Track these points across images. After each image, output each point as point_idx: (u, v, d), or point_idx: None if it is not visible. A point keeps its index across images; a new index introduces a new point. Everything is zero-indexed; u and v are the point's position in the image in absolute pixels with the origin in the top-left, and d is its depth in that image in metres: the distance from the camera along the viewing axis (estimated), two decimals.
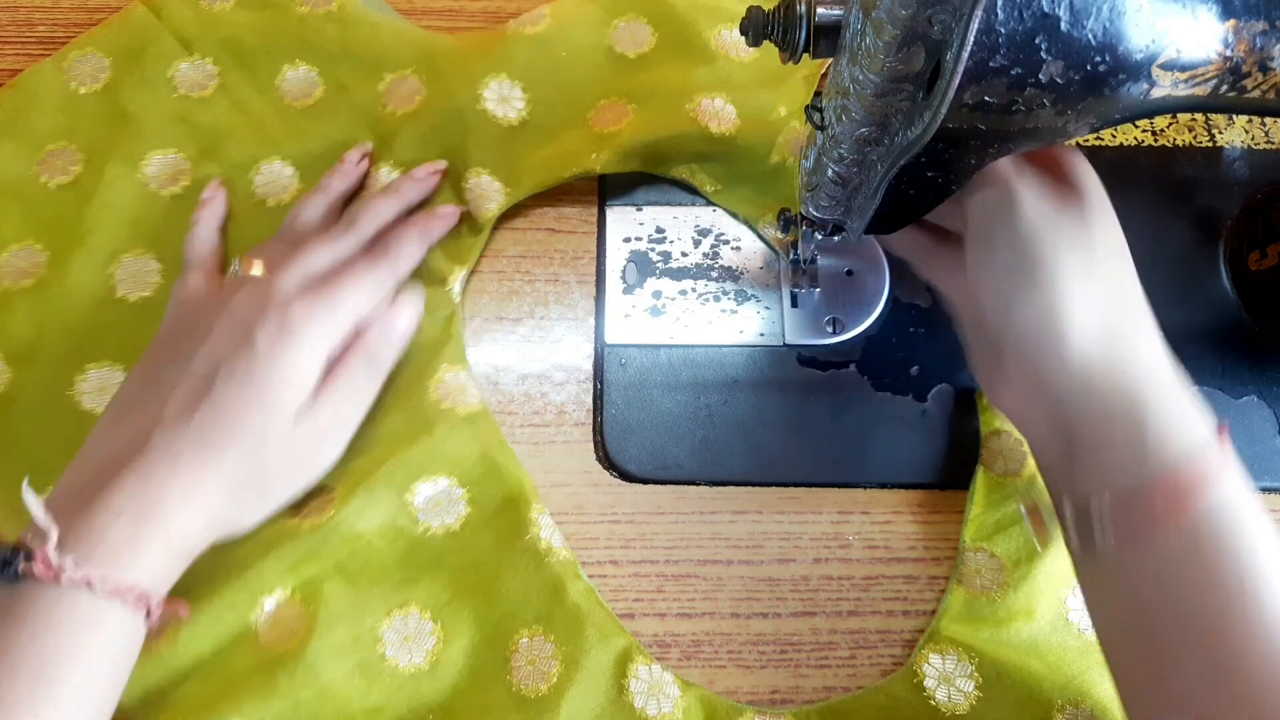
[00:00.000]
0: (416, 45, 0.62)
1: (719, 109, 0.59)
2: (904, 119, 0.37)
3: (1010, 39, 0.32)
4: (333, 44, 0.61)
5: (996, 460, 0.53)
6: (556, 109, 0.60)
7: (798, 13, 0.39)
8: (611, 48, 0.62)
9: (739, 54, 0.62)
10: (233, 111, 0.60)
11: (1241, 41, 0.35)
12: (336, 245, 0.52)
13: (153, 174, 0.58)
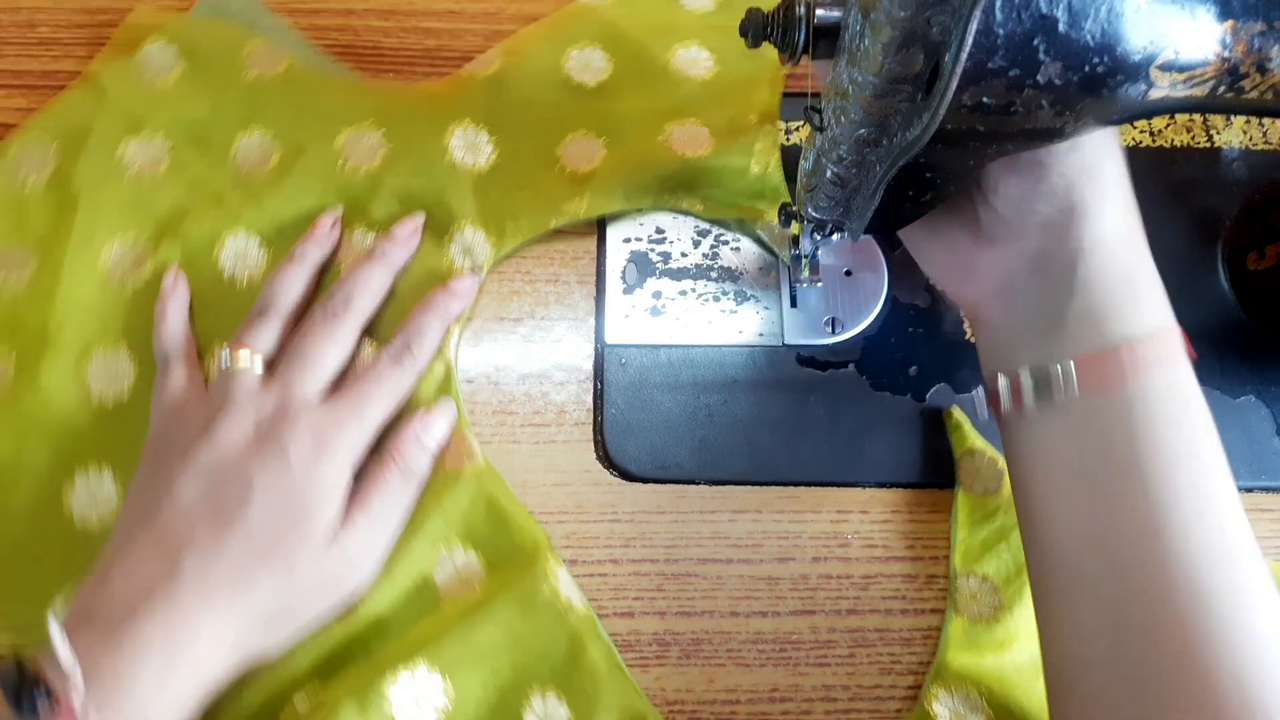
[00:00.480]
0: (371, 98, 0.60)
1: (691, 134, 0.58)
2: (903, 120, 0.37)
3: (1009, 40, 0.32)
4: (284, 106, 0.59)
5: (974, 481, 0.53)
6: (525, 149, 0.59)
7: (797, 14, 0.39)
8: (569, 78, 0.61)
9: (698, 72, 0.61)
10: (189, 188, 0.57)
11: (1239, 42, 0.35)
12: (340, 333, 0.51)
13: (113, 262, 0.55)
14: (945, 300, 0.57)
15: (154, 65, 0.60)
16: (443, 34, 0.65)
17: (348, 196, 0.57)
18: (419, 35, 0.65)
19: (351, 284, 0.52)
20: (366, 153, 0.58)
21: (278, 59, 0.61)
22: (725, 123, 0.59)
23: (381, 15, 0.66)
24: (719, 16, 0.64)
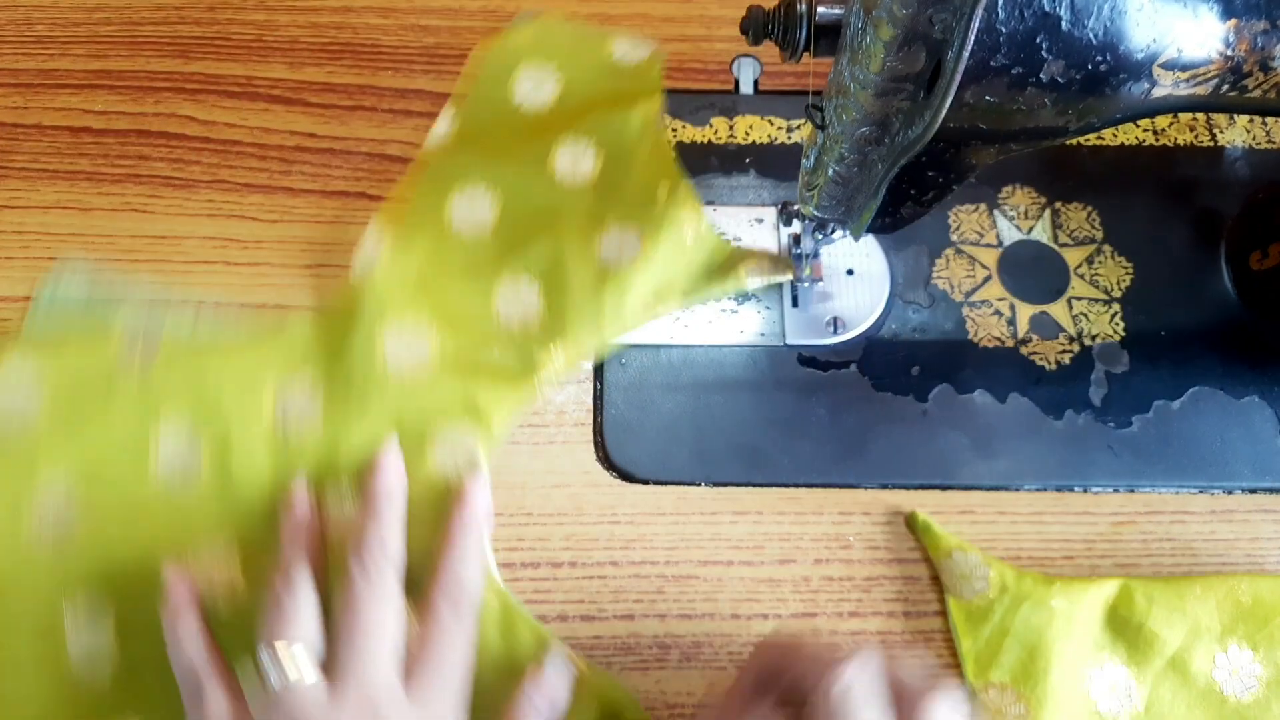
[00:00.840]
0: (276, 343, 0.54)
1: (621, 241, 0.55)
2: (905, 118, 0.37)
3: (1011, 38, 0.32)
4: (184, 395, 0.52)
5: (961, 585, 0.51)
6: (463, 328, 0.54)
7: (798, 12, 0.39)
8: (459, 235, 0.57)
9: (585, 168, 0.58)
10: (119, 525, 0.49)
11: (1243, 41, 0.35)
12: (388, 591, 0.44)
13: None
14: (948, 299, 0.57)
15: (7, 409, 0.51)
16: (442, 31, 0.65)
17: (306, 462, 0.51)
18: (418, 33, 0.65)
19: (369, 543, 0.45)
20: (302, 406, 0.52)
21: (152, 344, 0.53)
22: (641, 208, 0.56)
23: (380, 13, 0.66)
24: (565, 104, 0.61)
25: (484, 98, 0.61)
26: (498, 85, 0.61)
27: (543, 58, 0.61)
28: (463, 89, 0.61)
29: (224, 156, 0.62)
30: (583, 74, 0.61)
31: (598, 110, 0.59)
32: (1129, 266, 0.58)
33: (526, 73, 0.61)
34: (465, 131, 0.60)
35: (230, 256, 0.59)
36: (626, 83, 0.60)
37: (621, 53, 0.62)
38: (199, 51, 0.65)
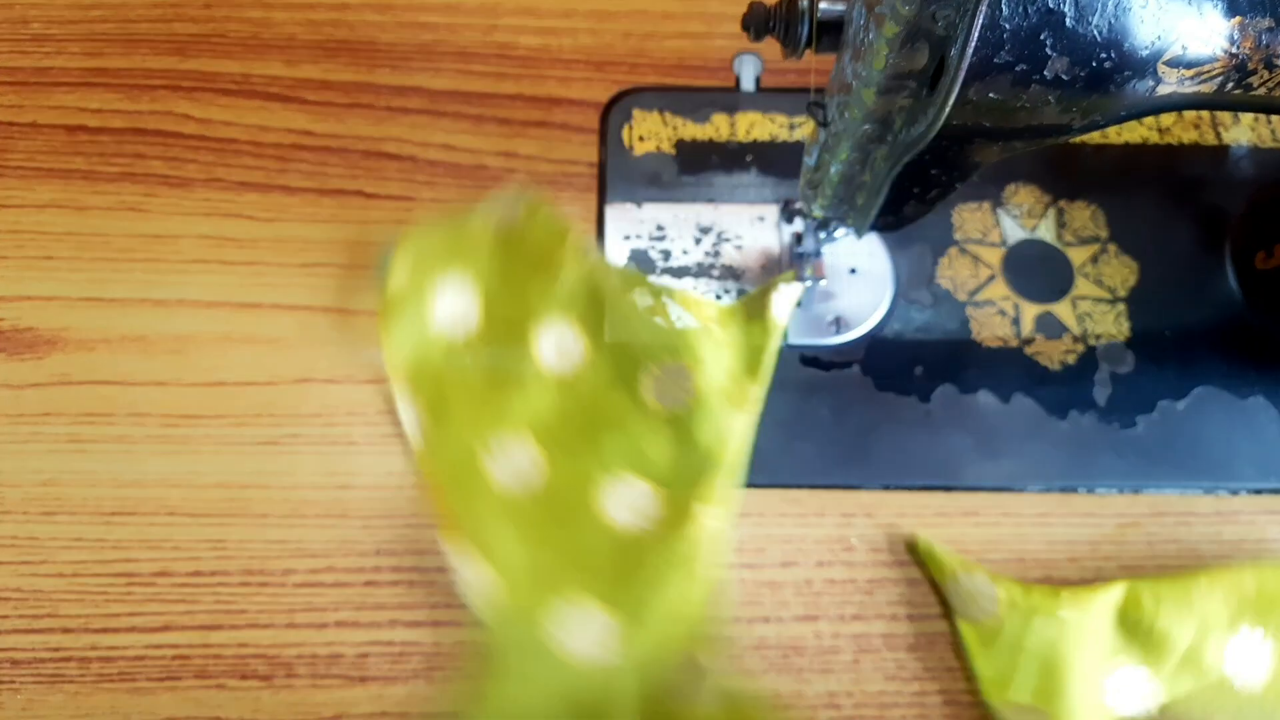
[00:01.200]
0: None
1: (664, 383, 0.52)
2: (907, 116, 0.37)
3: (1015, 35, 0.31)
4: None
5: (969, 607, 0.50)
6: (595, 568, 0.50)
7: (800, 8, 0.38)
8: (509, 491, 0.52)
9: (573, 358, 0.54)
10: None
11: (1247, 38, 0.34)
12: None
13: None
14: (951, 299, 0.57)
15: None
16: (439, 28, 0.65)
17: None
18: (415, 29, 0.65)
19: None
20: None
21: None
22: (658, 347, 0.53)
23: (377, 9, 0.65)
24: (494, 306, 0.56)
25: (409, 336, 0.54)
26: (417, 318, 0.54)
27: (442, 268, 0.54)
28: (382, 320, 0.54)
29: (220, 155, 0.61)
30: (491, 265, 0.55)
31: (533, 292, 0.54)
32: (1134, 266, 0.58)
33: (442, 292, 0.54)
34: (421, 386, 0.54)
35: (226, 255, 0.59)
36: (533, 248, 0.55)
37: (500, 216, 0.55)
38: (195, 49, 0.64)
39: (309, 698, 0.50)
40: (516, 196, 0.54)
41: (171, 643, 0.51)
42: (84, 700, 0.50)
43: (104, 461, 0.54)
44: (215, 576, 0.52)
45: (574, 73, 0.64)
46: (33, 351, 0.57)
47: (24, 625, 0.51)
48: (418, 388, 0.52)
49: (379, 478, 0.54)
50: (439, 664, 0.50)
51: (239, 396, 0.56)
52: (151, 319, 0.57)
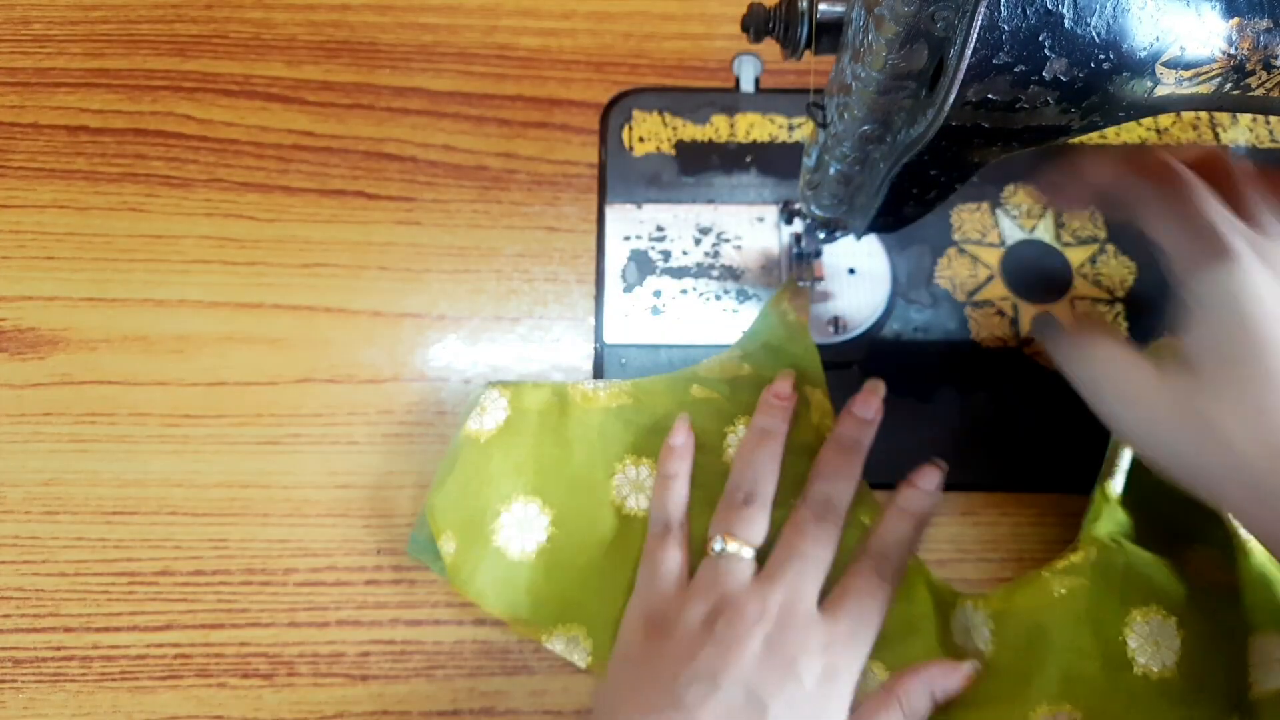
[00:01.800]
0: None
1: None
2: (907, 117, 0.37)
3: (1014, 36, 0.31)
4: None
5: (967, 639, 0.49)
6: None
7: (799, 9, 0.38)
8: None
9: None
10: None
11: (1245, 39, 0.34)
12: (830, 534, 0.48)
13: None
14: (950, 299, 0.57)
15: None
16: (440, 29, 0.65)
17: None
18: (416, 30, 0.65)
19: (831, 482, 0.50)
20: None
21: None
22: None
23: (378, 10, 0.65)
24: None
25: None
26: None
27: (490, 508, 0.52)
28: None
29: (221, 155, 0.62)
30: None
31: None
32: (1132, 266, 0.58)
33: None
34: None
35: (228, 256, 0.59)
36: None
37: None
38: (196, 50, 0.64)
39: (310, 696, 0.50)
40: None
41: (173, 641, 0.51)
42: (86, 699, 0.50)
43: (106, 461, 0.54)
44: (217, 575, 0.52)
45: (574, 74, 0.64)
46: (34, 351, 0.57)
47: (26, 624, 0.51)
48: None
49: (380, 477, 0.54)
50: (440, 662, 0.51)
51: (240, 396, 0.56)
52: (153, 319, 0.58)
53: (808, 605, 0.45)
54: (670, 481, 0.51)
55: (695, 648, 0.44)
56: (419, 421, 0.55)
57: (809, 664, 0.43)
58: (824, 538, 0.48)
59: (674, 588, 0.47)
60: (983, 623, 0.48)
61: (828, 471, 0.50)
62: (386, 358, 0.57)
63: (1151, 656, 0.47)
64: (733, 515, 0.48)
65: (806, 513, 0.49)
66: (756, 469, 0.50)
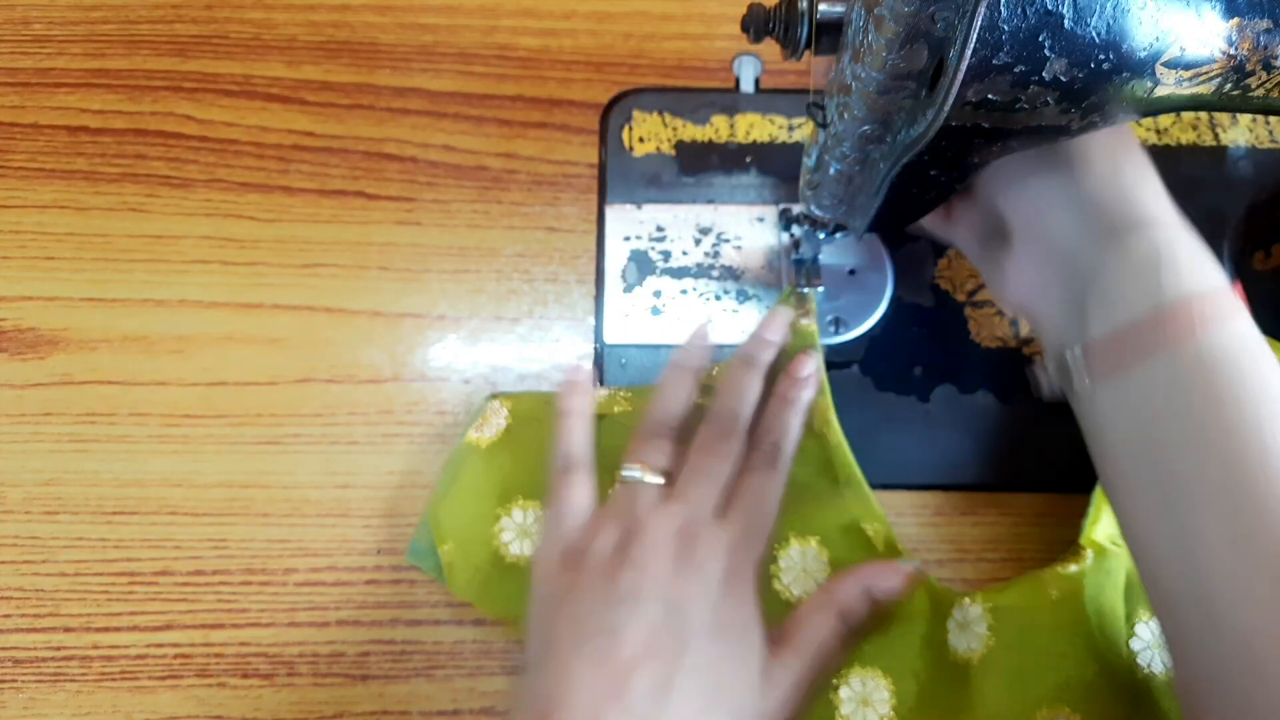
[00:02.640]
0: None
1: None
2: (906, 117, 0.37)
3: (1014, 36, 0.31)
4: None
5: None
6: None
7: (799, 9, 0.38)
8: None
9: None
10: None
11: (1245, 39, 0.34)
12: (729, 448, 0.49)
13: None
14: (950, 300, 0.57)
15: None
16: (440, 29, 0.65)
17: None
18: (415, 31, 0.65)
19: (734, 398, 0.51)
20: None
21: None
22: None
23: (378, 10, 0.65)
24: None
25: None
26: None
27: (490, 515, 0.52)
28: None
29: (221, 155, 0.62)
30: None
31: None
32: None
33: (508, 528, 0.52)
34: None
35: (227, 256, 0.59)
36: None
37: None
38: (196, 50, 0.64)
39: (310, 696, 0.50)
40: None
41: (173, 641, 0.51)
42: (86, 699, 0.50)
43: (106, 461, 0.54)
44: (217, 575, 0.52)
45: (574, 74, 0.64)
46: (34, 351, 0.57)
47: (26, 624, 0.51)
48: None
49: (380, 477, 0.54)
50: (440, 662, 0.51)
51: (240, 396, 0.56)
52: (153, 319, 0.58)
53: (707, 515, 0.47)
54: (569, 418, 0.52)
55: (613, 571, 0.45)
56: (419, 421, 0.55)
57: (714, 568, 0.45)
58: (723, 451, 0.49)
59: (583, 520, 0.48)
60: (980, 617, 0.48)
61: (729, 389, 0.51)
62: (386, 358, 0.57)
63: (1154, 659, 0.47)
64: (643, 445, 0.50)
65: (708, 429, 0.50)
66: (665, 403, 0.52)
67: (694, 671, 0.42)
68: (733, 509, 0.48)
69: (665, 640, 0.43)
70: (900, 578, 0.48)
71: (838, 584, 0.48)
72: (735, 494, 0.49)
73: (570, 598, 0.45)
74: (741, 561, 0.46)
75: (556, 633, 0.44)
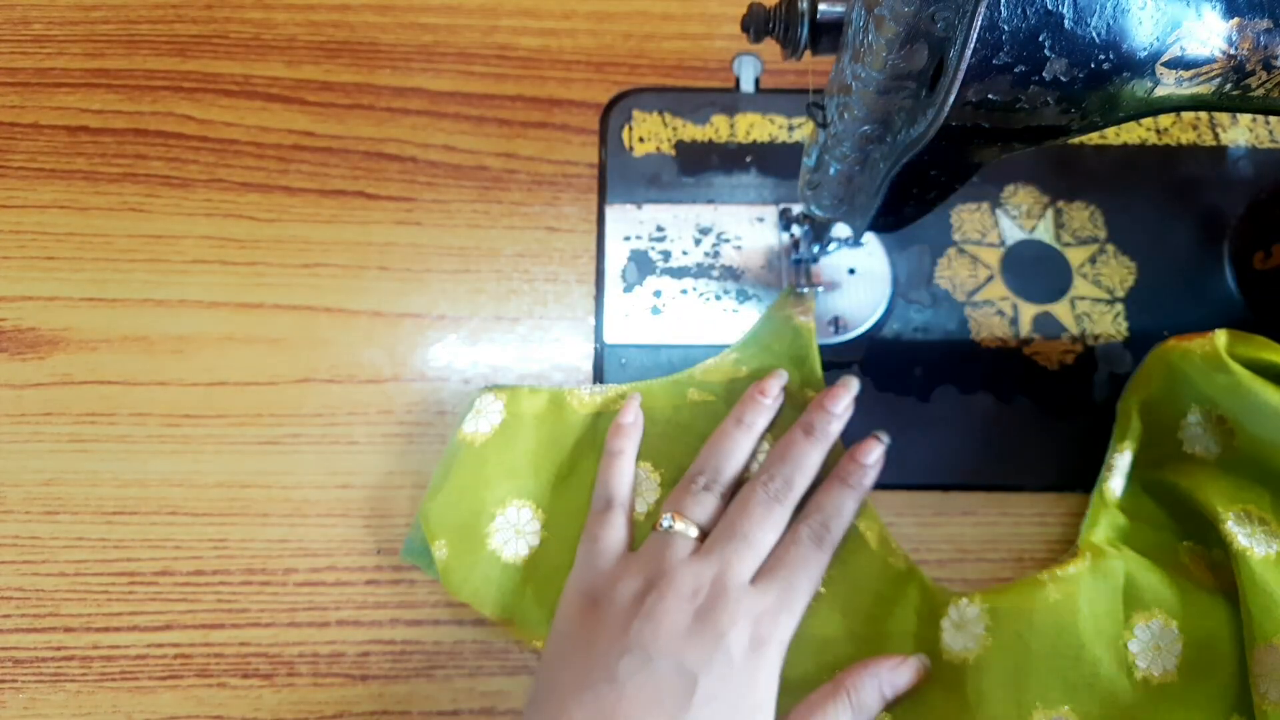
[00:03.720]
0: None
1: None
2: (907, 117, 0.37)
3: (1014, 36, 0.32)
4: None
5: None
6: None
7: (799, 9, 0.38)
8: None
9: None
10: None
11: (1245, 39, 0.34)
12: (779, 517, 0.48)
13: None
14: (950, 299, 0.57)
15: None
16: (440, 29, 0.65)
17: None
18: (416, 30, 0.65)
19: (793, 467, 0.50)
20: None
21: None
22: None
23: (378, 10, 0.65)
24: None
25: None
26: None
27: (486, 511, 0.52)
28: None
29: (221, 155, 0.62)
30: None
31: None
32: (1132, 266, 0.58)
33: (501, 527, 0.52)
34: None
35: (228, 256, 0.59)
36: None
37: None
38: (196, 50, 0.65)
39: (310, 696, 0.50)
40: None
41: (173, 641, 0.51)
42: (86, 699, 0.50)
43: (106, 461, 0.54)
44: (217, 575, 0.52)
45: (574, 74, 0.64)
46: (34, 351, 0.57)
47: (26, 624, 0.51)
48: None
49: (380, 477, 0.54)
50: (440, 662, 0.51)
51: (240, 396, 0.56)
52: (153, 319, 0.58)
53: (740, 579, 0.46)
54: (615, 459, 0.51)
55: (628, 621, 0.44)
56: (419, 421, 0.55)
57: (737, 636, 0.44)
58: (768, 520, 0.48)
59: (612, 563, 0.48)
60: (977, 618, 0.48)
61: (788, 455, 0.50)
62: (386, 358, 0.57)
63: (1153, 661, 0.47)
64: (685, 496, 0.49)
65: (758, 493, 0.49)
66: (720, 456, 0.51)
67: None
68: (768, 578, 0.47)
69: (667, 702, 0.42)
70: (911, 673, 0.47)
71: (851, 676, 0.46)
72: (774, 563, 0.47)
73: (583, 638, 0.45)
74: (766, 636, 0.45)
75: (563, 671, 0.44)
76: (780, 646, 0.45)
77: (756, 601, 0.45)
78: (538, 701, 0.44)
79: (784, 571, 0.47)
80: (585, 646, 0.45)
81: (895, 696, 0.46)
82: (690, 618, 0.44)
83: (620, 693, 0.42)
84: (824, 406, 0.51)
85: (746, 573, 0.46)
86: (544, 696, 0.44)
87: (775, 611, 0.46)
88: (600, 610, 0.46)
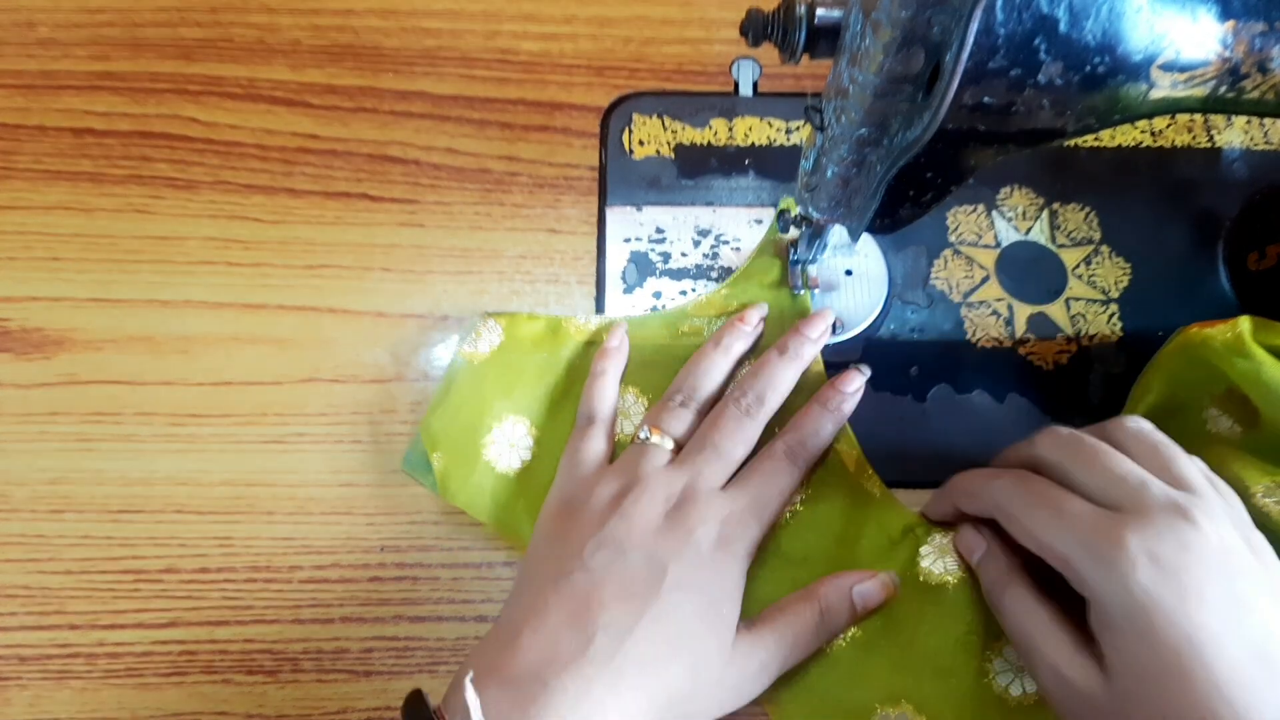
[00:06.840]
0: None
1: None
2: (903, 120, 0.37)
3: (1009, 40, 0.32)
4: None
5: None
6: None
7: (797, 14, 0.39)
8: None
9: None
10: None
11: (1240, 42, 0.35)
12: (750, 430, 0.50)
13: None
14: (946, 300, 0.57)
15: None
16: (442, 33, 0.65)
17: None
18: (419, 35, 0.65)
19: (765, 383, 0.52)
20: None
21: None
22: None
23: (381, 15, 0.66)
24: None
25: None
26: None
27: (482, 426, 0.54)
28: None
29: (226, 158, 0.62)
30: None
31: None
32: (1127, 267, 0.58)
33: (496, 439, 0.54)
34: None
35: (232, 257, 0.59)
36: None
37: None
38: (201, 53, 0.65)
39: (314, 692, 0.50)
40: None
41: (178, 639, 0.51)
42: (91, 696, 0.51)
43: (111, 460, 0.55)
44: (222, 573, 0.53)
45: (575, 78, 0.65)
46: (40, 352, 0.57)
47: (31, 622, 0.52)
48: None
49: (383, 475, 0.55)
50: (443, 659, 0.51)
51: (245, 396, 0.56)
52: (158, 320, 0.58)
53: (710, 485, 0.48)
54: (598, 379, 0.54)
55: (603, 519, 0.47)
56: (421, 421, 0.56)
57: (705, 533, 0.46)
58: (739, 433, 0.50)
59: (591, 472, 0.50)
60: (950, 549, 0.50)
61: (761, 372, 0.52)
62: (390, 358, 0.57)
63: (1013, 682, 0.48)
64: (663, 412, 0.52)
65: (730, 408, 0.51)
66: (697, 376, 0.53)
67: (658, 619, 0.43)
68: (739, 486, 0.49)
69: (638, 587, 0.44)
70: (881, 588, 0.49)
71: (823, 585, 0.49)
72: (746, 473, 0.50)
73: (560, 537, 0.48)
74: (733, 536, 0.47)
75: (542, 565, 0.47)
76: (746, 546, 0.48)
77: (725, 505, 0.48)
78: (517, 593, 0.47)
79: (756, 479, 0.50)
80: (562, 543, 0.47)
81: (865, 610, 0.49)
82: (662, 517, 0.47)
83: (594, 580, 0.44)
84: (800, 330, 0.54)
85: (717, 481, 0.49)
86: (523, 588, 0.46)
87: (743, 515, 0.48)
88: (578, 512, 0.48)
